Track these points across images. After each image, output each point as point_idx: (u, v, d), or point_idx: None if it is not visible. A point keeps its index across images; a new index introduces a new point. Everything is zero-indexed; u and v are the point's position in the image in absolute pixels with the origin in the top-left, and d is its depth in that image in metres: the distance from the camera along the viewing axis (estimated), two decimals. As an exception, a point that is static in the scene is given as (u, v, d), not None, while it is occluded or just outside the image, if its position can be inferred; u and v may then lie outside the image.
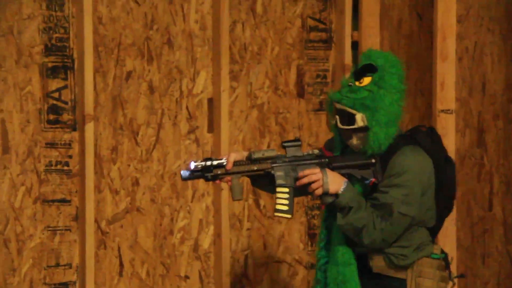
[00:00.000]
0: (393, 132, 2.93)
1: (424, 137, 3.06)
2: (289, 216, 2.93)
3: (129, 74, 3.81)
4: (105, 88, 3.79)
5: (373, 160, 2.92)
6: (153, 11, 3.85)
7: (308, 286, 4.10)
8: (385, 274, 3.00)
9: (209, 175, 2.87)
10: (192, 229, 3.92)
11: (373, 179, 2.92)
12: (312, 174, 2.87)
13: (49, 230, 3.67)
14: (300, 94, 3.98)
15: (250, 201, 3.94)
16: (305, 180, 2.87)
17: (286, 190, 2.89)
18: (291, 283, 4.08)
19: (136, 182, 3.78)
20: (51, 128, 3.70)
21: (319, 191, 2.86)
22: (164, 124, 3.85)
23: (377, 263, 3.00)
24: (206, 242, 3.94)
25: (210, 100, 3.88)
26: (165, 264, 3.84)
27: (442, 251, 3.03)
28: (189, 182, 3.87)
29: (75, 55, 3.68)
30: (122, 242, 3.79)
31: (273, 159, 2.93)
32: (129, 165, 3.82)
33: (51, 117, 3.69)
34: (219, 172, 2.87)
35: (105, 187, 3.77)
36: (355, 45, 4.01)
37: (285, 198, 2.92)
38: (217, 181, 2.94)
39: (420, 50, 3.92)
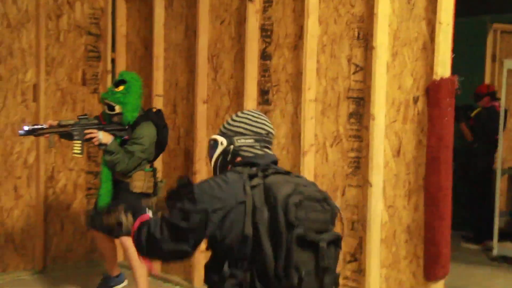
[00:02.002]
0: (136, 114, 4.30)
1: (153, 114, 4.49)
2: (81, 155, 4.28)
3: None
4: None
5: (127, 127, 4.29)
6: (1, 36, 5.24)
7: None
8: (121, 180, 4.30)
9: (35, 133, 4.06)
10: (23, 152, 5.40)
11: (126, 137, 4.29)
12: (93, 133, 4.21)
13: None
14: (84, 84, 5.73)
15: (56, 138, 5.22)
16: (88, 136, 4.19)
17: (79, 142, 4.19)
18: (78, 181, 5.66)
19: None
20: None
21: (96, 142, 4.19)
22: (8, 96, 5.28)
23: (119, 177, 4.27)
24: (31, 159, 5.47)
25: (34, 85, 5.39)
26: (8, 170, 5.32)
27: (152, 167, 4.36)
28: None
29: None
30: None
31: (72, 125, 4.20)
32: None
33: None
34: (41, 130, 4.07)
35: None
36: (113, 60, 5.78)
37: (78, 146, 4.21)
38: (41, 136, 4.19)
39: (146, 64, 5.53)
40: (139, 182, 4.29)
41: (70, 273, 5.46)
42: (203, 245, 2.32)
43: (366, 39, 4.16)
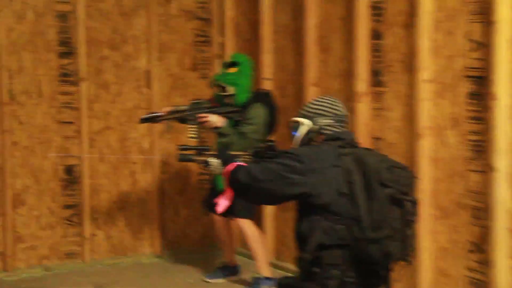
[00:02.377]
0: (248, 95, 4.34)
1: (264, 96, 4.54)
2: (197, 140, 4.17)
3: (104, 57, 5.30)
4: (91, 64, 5.23)
5: (239, 109, 4.29)
6: (116, 24, 5.34)
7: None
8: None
9: (154, 120, 4.21)
10: (138, 137, 5.47)
11: (240, 118, 4.31)
12: (205, 117, 4.24)
13: (64, 137, 5.19)
14: (194, 69, 5.67)
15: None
16: (201, 120, 4.23)
17: (193, 126, 4.26)
18: (191, 166, 5.63)
19: (108, 113, 5.36)
20: (63, 84, 5.12)
21: (209, 126, 4.23)
22: (123, 83, 5.36)
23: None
24: (146, 145, 5.50)
25: (147, 72, 5.42)
26: (124, 157, 5.47)
27: None
28: None
29: (76, 46, 5.09)
30: (102, 144, 5.33)
31: (186, 110, 4.25)
32: (104, 104, 5.34)
33: (63, 78, 5.13)
34: (159, 118, 4.24)
35: (92, 115, 5.26)
36: (222, 45, 5.62)
37: (193, 130, 4.24)
38: (158, 122, 4.36)
39: (254, 48, 5.29)
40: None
41: (186, 258, 5.48)
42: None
43: (485, 14, 3.90)
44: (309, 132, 2.71)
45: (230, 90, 4.30)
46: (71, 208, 5.31)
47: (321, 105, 2.75)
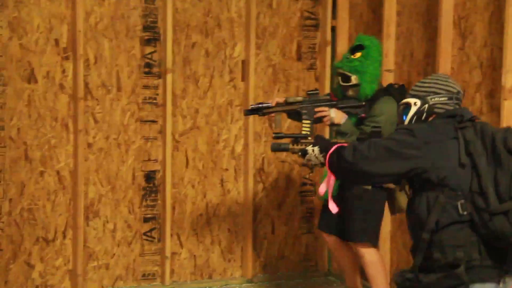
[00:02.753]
0: (375, 87, 3.84)
1: (395, 91, 3.95)
2: (310, 136, 3.57)
3: (194, 44, 4.78)
4: (179, 52, 4.71)
5: (364, 103, 3.83)
6: (209, 5, 4.79)
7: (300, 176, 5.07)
8: None
9: (260, 112, 3.82)
10: (230, 140, 4.91)
11: (363, 115, 3.86)
12: (323, 111, 3.81)
13: (144, 139, 4.66)
14: (299, 58, 5.06)
15: (266, 124, 4.93)
16: (318, 114, 3.79)
17: (308, 121, 3.80)
18: (291, 175, 5.12)
19: (197, 111, 4.77)
20: (146, 76, 4.65)
21: (327, 122, 3.80)
22: (215, 75, 4.84)
23: None
24: (239, 148, 4.92)
25: (243, 61, 4.88)
26: (214, 161, 4.86)
27: None
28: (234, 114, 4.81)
29: (161, 32, 4.61)
30: (188, 147, 4.77)
31: (301, 102, 3.82)
32: (192, 100, 4.79)
33: (146, 69, 4.64)
34: (267, 109, 3.80)
35: (178, 113, 4.72)
36: (333, 29, 5.04)
37: (307, 126, 3.79)
38: (267, 116, 3.89)
39: (373, 32, 4.66)
40: None
41: (283, 284, 4.96)
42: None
43: None
44: (421, 112, 2.58)
45: (354, 79, 3.81)
46: (151, 221, 4.79)
47: (433, 83, 2.64)
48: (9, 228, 4.41)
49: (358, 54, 3.86)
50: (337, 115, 3.81)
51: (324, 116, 3.80)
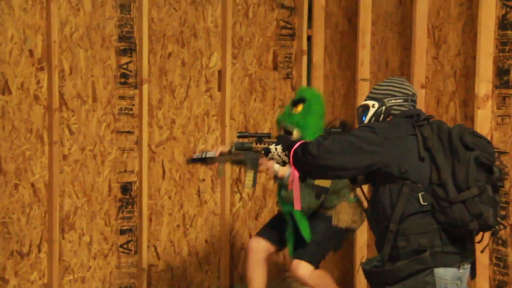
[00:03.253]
0: None
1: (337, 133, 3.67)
2: (252, 188, 3.56)
3: (170, 54, 4.72)
4: (155, 62, 4.64)
5: None
6: (185, 15, 4.71)
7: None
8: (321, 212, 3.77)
9: (204, 162, 3.60)
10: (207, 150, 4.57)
11: None
12: (265, 164, 3.52)
13: (120, 150, 4.59)
14: (275, 68, 5.03)
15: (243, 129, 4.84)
16: (261, 168, 3.54)
17: (252, 172, 3.51)
18: (268, 185, 5.01)
19: (173, 121, 4.70)
20: (122, 87, 4.57)
21: (270, 174, 3.66)
22: (191, 85, 4.79)
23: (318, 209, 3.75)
24: None
25: (219, 71, 4.83)
26: (190, 172, 4.80)
27: (356, 197, 3.76)
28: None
29: (137, 42, 4.54)
30: (164, 158, 4.71)
31: (245, 153, 3.47)
32: (169, 111, 4.72)
33: (122, 80, 4.57)
34: (211, 160, 3.58)
35: (154, 124, 4.66)
36: (309, 38, 5.01)
37: (251, 177, 3.51)
38: (210, 165, 3.64)
39: (348, 42, 4.75)
40: (344, 215, 3.75)
41: None
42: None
43: None
44: (378, 113, 2.71)
45: (295, 133, 3.67)
46: (127, 233, 4.72)
47: (389, 86, 2.77)
48: (-17, 242, 4.33)
49: (299, 108, 3.76)
50: (280, 168, 3.63)
51: (267, 169, 3.64)
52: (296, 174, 2.92)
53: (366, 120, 2.75)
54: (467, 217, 2.46)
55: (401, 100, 2.73)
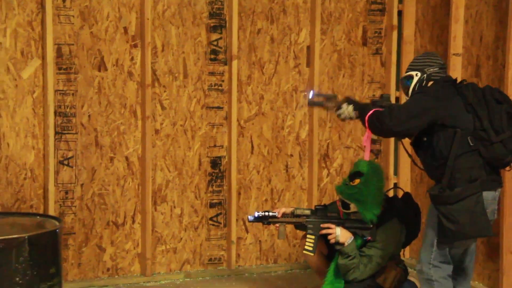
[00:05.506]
0: (377, 211, 3.65)
1: (399, 204, 3.83)
2: (312, 254, 3.69)
3: (259, 30, 4.79)
4: (244, 39, 4.74)
5: (371, 226, 3.67)
6: None
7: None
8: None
9: (265, 221, 3.73)
10: (295, 126, 4.90)
11: (369, 237, 3.72)
12: (330, 229, 3.67)
13: (210, 125, 4.71)
14: (365, 43, 4.97)
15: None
16: (324, 231, 3.67)
17: (313, 236, 3.69)
18: (356, 160, 4.63)
19: (262, 97, 4.79)
20: (212, 63, 4.69)
21: (332, 240, 3.67)
22: (280, 61, 4.83)
23: None
24: (303, 134, 4.91)
25: (308, 47, 4.84)
26: (278, 147, 4.84)
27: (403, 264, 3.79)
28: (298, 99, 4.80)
29: (227, 18, 4.64)
30: (253, 133, 4.79)
31: (307, 216, 3.72)
32: (257, 87, 4.80)
33: (212, 56, 4.69)
34: (272, 219, 3.73)
35: (243, 99, 4.74)
36: (400, 13, 4.92)
37: (311, 242, 3.69)
38: (270, 225, 3.87)
39: (441, 16, 4.66)
40: (390, 277, 3.74)
41: None
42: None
43: None
44: (421, 80, 3.44)
45: (353, 207, 3.67)
46: (217, 207, 4.80)
47: (425, 58, 3.52)
48: (81, 212, 4.49)
49: (357, 181, 3.70)
50: (342, 234, 3.68)
51: (330, 234, 3.69)
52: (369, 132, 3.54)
53: (411, 86, 3.46)
54: (505, 153, 3.26)
55: (437, 69, 3.45)
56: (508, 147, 3.25)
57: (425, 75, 3.44)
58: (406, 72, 3.53)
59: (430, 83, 3.44)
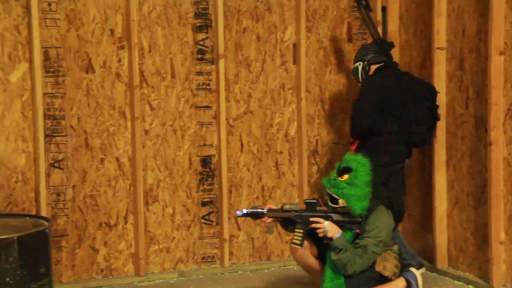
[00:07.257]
0: (366, 204, 3.70)
1: (382, 192, 3.95)
2: (300, 247, 3.71)
3: (245, 29, 4.78)
4: (230, 38, 4.73)
5: (359, 219, 3.71)
6: None
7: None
8: None
9: (255, 217, 3.73)
10: (284, 123, 4.91)
11: (358, 230, 3.75)
12: (318, 223, 3.70)
13: (199, 124, 4.69)
14: (350, 40, 5.01)
15: (319, 106, 4.91)
16: (313, 225, 3.69)
17: (301, 231, 3.70)
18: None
19: (249, 95, 4.80)
20: (199, 63, 4.67)
21: (321, 234, 3.68)
22: (267, 59, 4.83)
23: None
24: (292, 131, 4.92)
25: (294, 45, 4.86)
26: (268, 145, 4.85)
27: (399, 249, 3.88)
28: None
29: (212, 18, 4.64)
30: (242, 131, 4.81)
31: (296, 211, 3.72)
32: (245, 85, 4.80)
33: (199, 56, 4.68)
34: (261, 215, 3.71)
35: (231, 98, 4.76)
36: (384, 9, 4.97)
37: (299, 236, 3.70)
38: (259, 220, 3.76)
39: (424, 11, 4.69)
40: (389, 264, 3.78)
41: None
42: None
43: None
44: (364, 67, 4.34)
45: (341, 202, 3.70)
46: (208, 205, 4.83)
47: (363, 49, 4.43)
48: (74, 214, 4.51)
49: (345, 177, 3.72)
50: (331, 229, 3.69)
51: (318, 228, 3.71)
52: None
53: (359, 73, 4.45)
54: (419, 141, 4.43)
55: (373, 54, 4.36)
56: (422, 137, 4.33)
57: (366, 62, 4.30)
58: (353, 64, 4.46)
59: (373, 66, 4.34)
